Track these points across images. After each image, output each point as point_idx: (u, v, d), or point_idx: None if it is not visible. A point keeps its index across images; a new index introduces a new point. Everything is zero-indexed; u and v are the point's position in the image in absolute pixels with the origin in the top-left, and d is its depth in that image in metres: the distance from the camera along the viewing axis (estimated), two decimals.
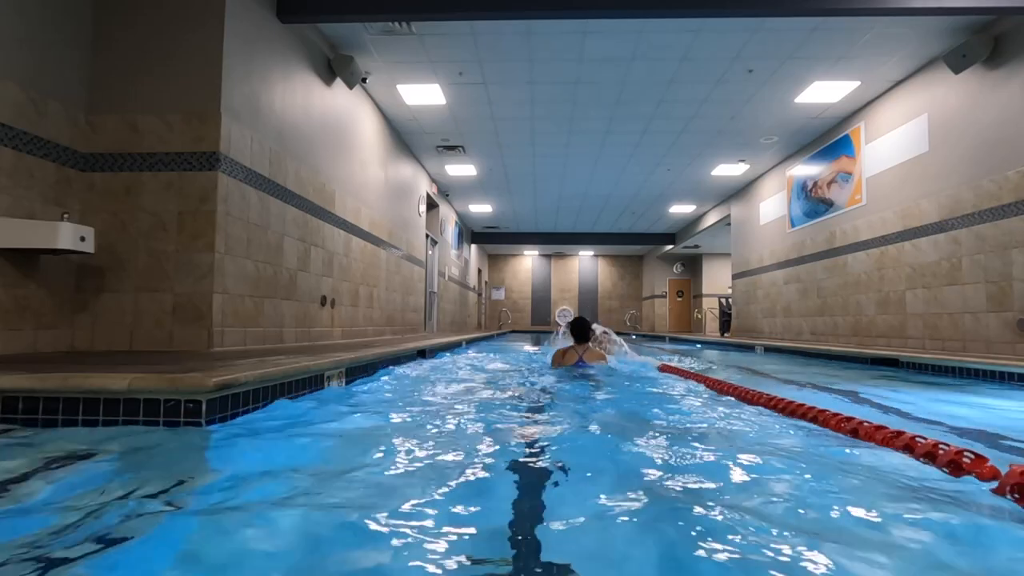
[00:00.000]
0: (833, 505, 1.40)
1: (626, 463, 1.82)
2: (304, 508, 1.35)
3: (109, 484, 1.53)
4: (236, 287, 4.25)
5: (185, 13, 4.09)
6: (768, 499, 1.46)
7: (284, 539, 1.19)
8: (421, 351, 5.99)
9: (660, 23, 5.57)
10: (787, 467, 1.74)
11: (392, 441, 2.10)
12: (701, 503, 1.38)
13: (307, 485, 1.54)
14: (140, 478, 1.59)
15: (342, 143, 6.45)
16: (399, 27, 5.57)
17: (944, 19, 5.43)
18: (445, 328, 13.00)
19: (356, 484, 1.57)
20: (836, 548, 1.14)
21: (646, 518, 1.31)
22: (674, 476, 1.66)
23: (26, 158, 3.52)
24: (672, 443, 2.10)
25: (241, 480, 1.57)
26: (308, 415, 2.56)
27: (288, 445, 2.02)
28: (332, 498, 1.44)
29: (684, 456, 1.90)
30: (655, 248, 20.14)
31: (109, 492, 1.46)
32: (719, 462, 1.81)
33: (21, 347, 3.48)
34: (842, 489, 1.55)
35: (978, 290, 5.67)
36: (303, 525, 1.25)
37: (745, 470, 1.72)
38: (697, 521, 1.28)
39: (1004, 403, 3.40)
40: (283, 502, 1.39)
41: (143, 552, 1.11)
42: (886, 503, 1.42)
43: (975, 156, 5.74)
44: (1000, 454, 2.05)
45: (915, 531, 1.26)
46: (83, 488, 1.49)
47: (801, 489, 1.55)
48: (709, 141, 9.26)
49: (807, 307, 9.35)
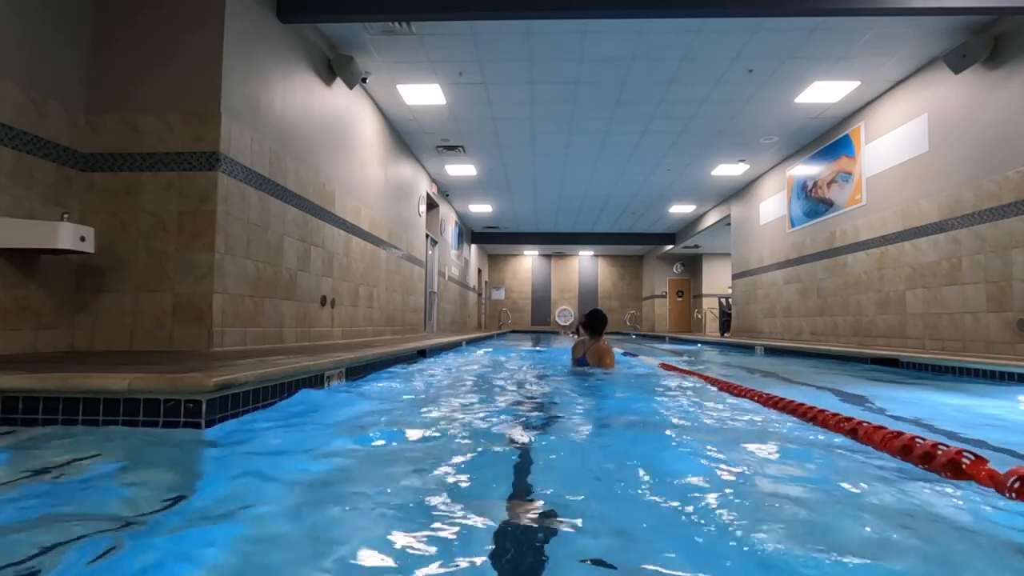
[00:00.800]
0: (827, 501, 1.40)
1: (621, 457, 1.82)
2: (304, 508, 1.35)
3: (109, 484, 1.53)
4: (236, 287, 4.25)
5: (185, 13, 4.09)
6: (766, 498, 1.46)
7: (284, 539, 1.19)
8: (421, 351, 5.99)
9: (660, 23, 5.57)
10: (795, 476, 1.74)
11: (392, 441, 2.10)
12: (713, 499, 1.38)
13: (306, 485, 1.55)
14: (139, 478, 1.59)
15: (342, 143, 6.45)
16: (399, 27, 5.57)
17: (944, 19, 5.42)
18: (445, 328, 13.01)
19: (356, 484, 1.57)
20: (826, 541, 1.14)
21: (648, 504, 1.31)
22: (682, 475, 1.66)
23: (26, 158, 3.52)
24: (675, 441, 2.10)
25: (241, 480, 1.57)
26: (308, 415, 2.56)
27: (288, 445, 2.02)
28: (332, 498, 1.44)
29: (687, 453, 1.90)
30: (655, 248, 20.14)
31: (109, 492, 1.46)
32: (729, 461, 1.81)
33: (21, 347, 3.49)
34: (837, 486, 1.55)
35: (978, 290, 5.67)
36: (303, 525, 1.25)
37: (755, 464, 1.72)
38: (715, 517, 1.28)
39: (1004, 403, 3.40)
40: (283, 502, 1.39)
41: (143, 552, 1.11)
42: (881, 501, 1.42)
43: (975, 156, 5.74)
44: (999, 454, 2.05)
45: (906, 530, 1.26)
46: (83, 488, 1.49)
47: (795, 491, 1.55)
48: (709, 141, 9.26)
49: (807, 307, 9.35)
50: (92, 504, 1.37)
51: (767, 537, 1.19)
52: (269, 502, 1.39)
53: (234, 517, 1.29)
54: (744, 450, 1.99)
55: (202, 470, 1.72)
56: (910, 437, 1.90)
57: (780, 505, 1.42)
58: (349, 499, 1.44)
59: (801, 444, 2.11)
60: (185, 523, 1.27)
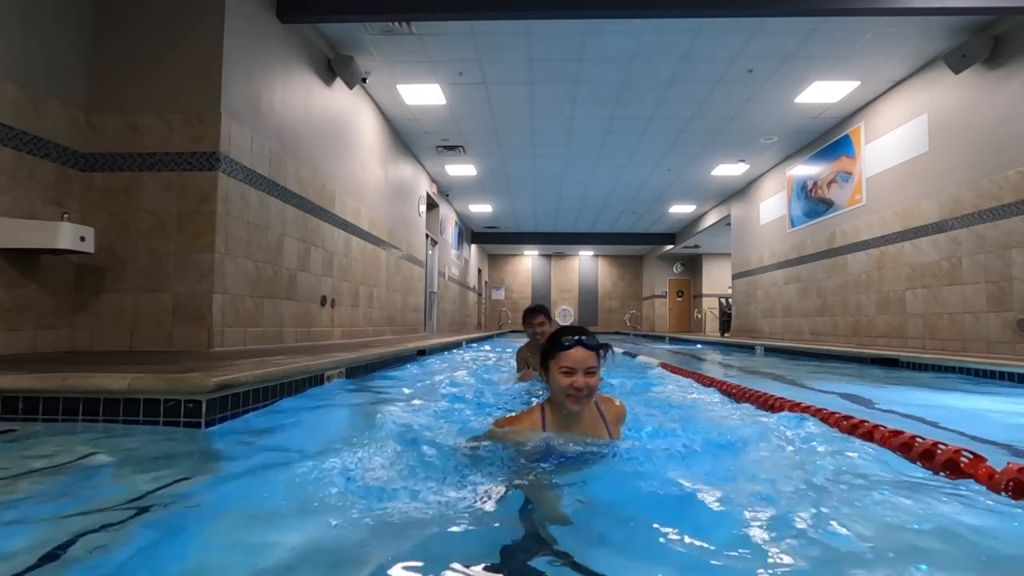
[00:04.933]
0: (824, 499, 1.40)
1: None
2: (304, 508, 1.35)
3: (108, 484, 1.53)
4: (236, 287, 4.25)
5: (185, 13, 4.09)
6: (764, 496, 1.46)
7: (283, 539, 1.19)
8: (421, 351, 5.99)
9: (660, 23, 5.57)
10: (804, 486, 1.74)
11: (392, 440, 2.10)
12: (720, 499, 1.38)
13: (306, 485, 1.54)
14: (139, 478, 1.59)
15: (342, 143, 6.46)
16: (399, 27, 5.57)
17: (944, 19, 5.42)
18: (445, 328, 13.01)
19: (356, 484, 1.57)
20: (824, 538, 1.14)
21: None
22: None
23: (26, 158, 3.52)
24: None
25: (240, 481, 1.57)
26: (308, 415, 2.56)
27: (287, 445, 2.02)
28: (332, 498, 1.44)
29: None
30: (655, 248, 20.15)
31: (108, 492, 1.46)
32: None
33: (21, 347, 3.49)
34: (834, 484, 1.55)
35: (978, 290, 5.67)
36: (303, 525, 1.25)
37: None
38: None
39: (1004, 403, 3.40)
40: (282, 502, 1.39)
41: (142, 552, 1.11)
42: (879, 500, 1.42)
43: (975, 156, 5.74)
44: (998, 453, 2.05)
45: (905, 528, 1.26)
46: (82, 488, 1.49)
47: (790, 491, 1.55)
48: (709, 141, 9.26)
49: (807, 307, 9.35)
50: (92, 504, 1.37)
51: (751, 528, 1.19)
52: (269, 502, 1.39)
53: (234, 517, 1.29)
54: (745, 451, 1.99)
55: (201, 470, 1.72)
56: (909, 436, 1.90)
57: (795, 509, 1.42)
58: (349, 499, 1.44)
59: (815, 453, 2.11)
60: (184, 523, 1.27)
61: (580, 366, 1.68)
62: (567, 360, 1.70)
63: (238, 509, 1.35)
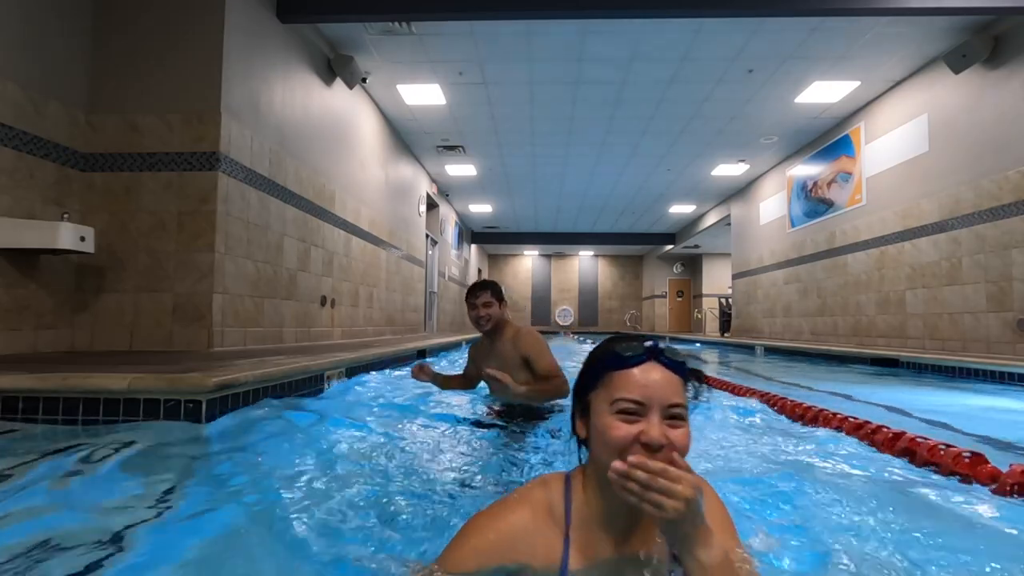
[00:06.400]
0: (824, 497, 1.40)
1: None
2: (303, 508, 1.35)
3: (108, 484, 1.52)
4: (236, 287, 4.25)
5: (185, 13, 4.08)
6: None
7: (283, 539, 1.19)
8: (421, 351, 5.99)
9: (660, 23, 5.56)
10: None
11: (392, 440, 2.10)
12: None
13: (306, 486, 1.54)
14: (139, 478, 1.58)
15: (342, 143, 6.45)
16: (399, 27, 5.56)
17: (944, 19, 5.42)
18: (445, 328, 13.01)
19: (355, 484, 1.57)
20: (825, 543, 1.14)
21: None
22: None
23: (26, 158, 3.52)
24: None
25: (240, 480, 1.57)
26: (307, 416, 2.56)
27: (287, 445, 2.01)
28: (331, 498, 1.44)
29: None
30: (655, 248, 20.14)
31: (108, 492, 1.46)
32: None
33: (21, 347, 3.48)
34: (833, 482, 1.55)
35: (978, 290, 5.67)
36: (302, 525, 1.25)
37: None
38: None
39: (1004, 403, 3.40)
40: (282, 502, 1.39)
41: (141, 552, 1.11)
42: (878, 501, 1.42)
43: (975, 156, 5.74)
44: (1000, 454, 2.05)
45: (908, 533, 1.26)
46: (82, 488, 1.49)
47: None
48: (709, 141, 9.26)
49: (807, 307, 9.35)
50: (91, 503, 1.37)
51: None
52: (269, 502, 1.39)
53: (234, 517, 1.29)
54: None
55: (200, 471, 1.72)
56: (911, 438, 1.90)
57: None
58: (348, 499, 1.44)
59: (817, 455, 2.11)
60: (183, 523, 1.27)
61: (657, 401, 0.85)
62: (629, 387, 0.86)
63: (238, 509, 1.35)
